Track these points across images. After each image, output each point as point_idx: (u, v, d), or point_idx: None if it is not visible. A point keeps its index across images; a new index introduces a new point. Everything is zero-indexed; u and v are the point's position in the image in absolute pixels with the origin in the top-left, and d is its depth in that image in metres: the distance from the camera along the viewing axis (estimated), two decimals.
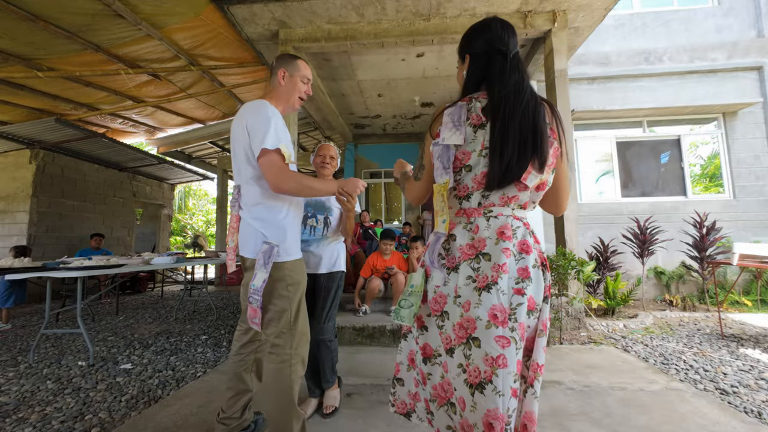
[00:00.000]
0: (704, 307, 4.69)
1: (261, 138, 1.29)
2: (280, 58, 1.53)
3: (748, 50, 5.42)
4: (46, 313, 2.99)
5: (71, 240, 6.55)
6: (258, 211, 1.39)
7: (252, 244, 1.39)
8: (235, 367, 1.56)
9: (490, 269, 0.88)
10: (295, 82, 1.51)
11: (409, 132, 8.03)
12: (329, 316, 1.87)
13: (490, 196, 0.93)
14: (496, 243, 0.90)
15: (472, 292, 0.89)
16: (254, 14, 3.57)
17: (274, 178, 1.29)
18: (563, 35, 3.72)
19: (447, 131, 0.93)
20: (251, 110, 1.37)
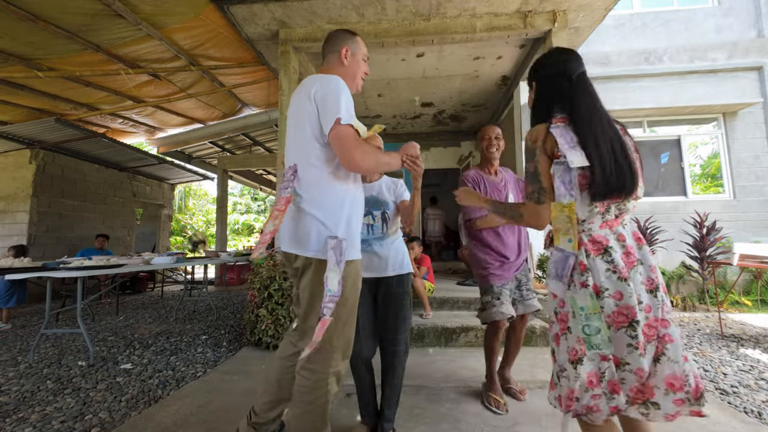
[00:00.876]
0: (704, 307, 4.69)
1: (335, 110, 1.15)
2: (338, 35, 1.39)
3: (748, 50, 5.42)
4: (46, 313, 2.99)
5: (71, 240, 6.55)
6: (319, 198, 1.19)
7: (314, 237, 1.16)
8: (280, 373, 1.38)
9: (649, 271, 1.01)
10: (358, 61, 1.39)
11: (409, 132, 8.02)
12: (404, 327, 1.63)
13: (623, 208, 1.06)
14: (639, 248, 1.03)
15: (647, 296, 0.99)
16: (254, 14, 3.57)
17: (349, 152, 1.12)
18: (563, 35, 3.72)
19: (570, 152, 1.00)
20: (320, 81, 1.22)
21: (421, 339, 3.13)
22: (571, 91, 1.09)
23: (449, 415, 1.90)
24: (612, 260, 0.99)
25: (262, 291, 3.10)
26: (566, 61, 1.12)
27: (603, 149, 1.00)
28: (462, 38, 3.83)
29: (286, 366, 1.38)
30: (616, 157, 1.01)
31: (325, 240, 1.15)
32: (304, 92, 1.24)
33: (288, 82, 3.87)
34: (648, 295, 0.99)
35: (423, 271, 3.72)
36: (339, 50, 1.36)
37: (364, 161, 1.14)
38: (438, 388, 2.23)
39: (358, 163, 1.14)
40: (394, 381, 1.64)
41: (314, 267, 1.18)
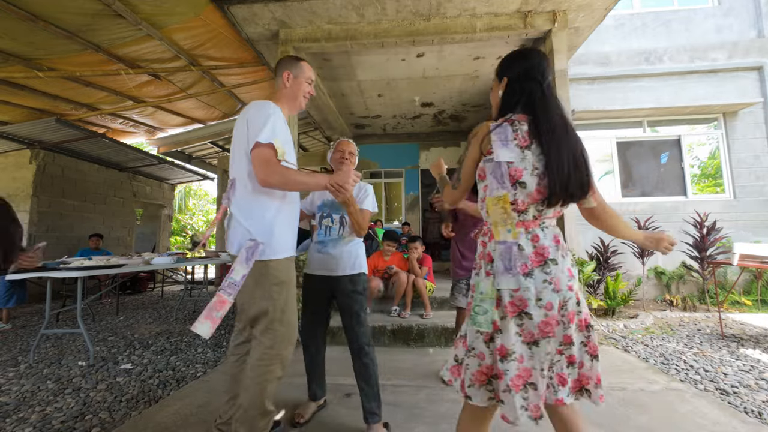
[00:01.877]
0: (704, 308, 4.69)
1: (256, 132, 1.32)
2: (284, 61, 1.58)
3: (748, 50, 5.42)
4: (46, 313, 2.99)
5: (71, 240, 6.55)
6: (246, 208, 1.39)
7: (237, 241, 1.38)
8: (232, 369, 1.54)
9: (560, 273, 1.03)
10: (299, 83, 1.56)
11: (409, 132, 8.03)
12: (360, 321, 1.77)
13: (545, 210, 1.07)
14: (556, 250, 1.06)
15: (551, 294, 1.02)
16: (254, 14, 3.57)
17: (260, 171, 1.30)
18: (563, 35, 3.72)
19: (499, 149, 1.06)
20: (254, 106, 1.42)
21: (422, 339, 3.13)
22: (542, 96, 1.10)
23: (449, 415, 1.90)
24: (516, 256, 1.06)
25: None
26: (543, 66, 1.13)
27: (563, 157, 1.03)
28: (462, 38, 3.83)
29: (233, 360, 1.55)
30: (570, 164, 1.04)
31: (246, 241, 1.35)
32: (243, 115, 1.43)
33: None
34: (553, 293, 1.02)
35: (424, 271, 3.72)
36: (282, 74, 1.54)
37: (270, 177, 1.30)
38: (438, 388, 2.23)
39: (266, 179, 1.31)
40: (366, 375, 1.74)
41: None
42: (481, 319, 1.05)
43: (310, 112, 6.29)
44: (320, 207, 1.86)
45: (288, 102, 1.55)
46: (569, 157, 1.04)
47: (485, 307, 1.06)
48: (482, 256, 1.13)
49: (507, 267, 1.04)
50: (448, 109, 6.56)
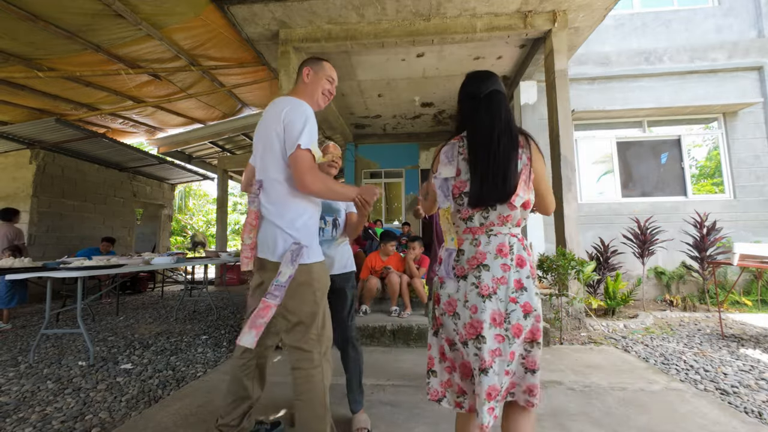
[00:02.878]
0: (704, 308, 4.68)
1: (297, 134, 1.27)
2: (305, 61, 1.55)
3: (748, 50, 5.42)
4: (46, 313, 2.99)
5: (71, 240, 6.55)
6: (285, 211, 1.34)
7: (280, 245, 1.31)
8: (236, 372, 1.51)
9: (490, 280, 1.07)
10: (319, 79, 1.51)
11: (409, 132, 8.03)
12: (350, 317, 1.86)
13: (489, 217, 1.12)
14: (495, 258, 1.09)
15: (476, 298, 1.07)
16: (254, 14, 3.57)
17: (303, 176, 1.26)
18: (563, 35, 3.72)
19: (442, 166, 1.17)
20: (290, 104, 1.35)
21: (422, 339, 3.13)
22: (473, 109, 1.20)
23: (449, 415, 1.90)
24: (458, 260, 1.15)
25: None
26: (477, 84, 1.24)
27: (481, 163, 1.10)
28: (462, 38, 3.83)
29: (239, 365, 1.51)
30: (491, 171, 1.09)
31: (290, 246, 1.31)
32: (275, 112, 1.35)
33: (288, 82, 3.87)
34: (478, 297, 1.07)
35: (422, 272, 3.72)
36: (302, 71, 1.51)
37: (313, 185, 1.28)
38: None
39: (309, 186, 1.28)
40: (354, 367, 1.82)
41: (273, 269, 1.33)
42: (429, 316, 1.20)
43: None
44: None
45: (306, 98, 1.47)
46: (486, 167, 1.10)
47: (431, 306, 1.21)
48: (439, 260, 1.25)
49: (447, 271, 1.15)
50: (448, 109, 6.56)
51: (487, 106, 1.18)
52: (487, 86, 1.21)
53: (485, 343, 1.04)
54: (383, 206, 8.58)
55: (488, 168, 1.09)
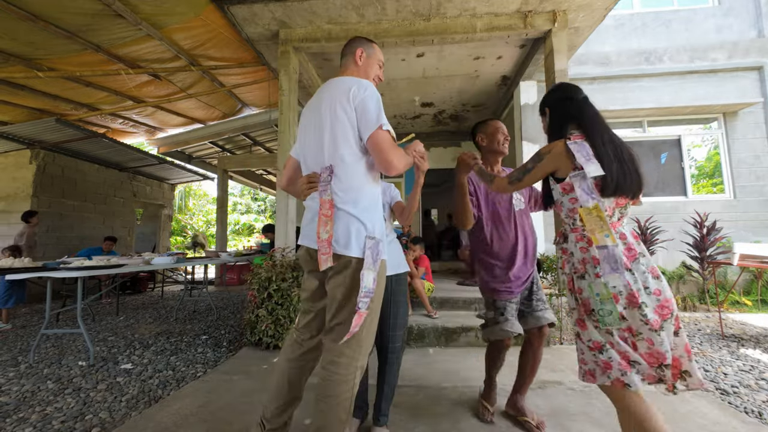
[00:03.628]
0: (705, 308, 4.68)
1: (376, 116, 1.22)
2: (354, 41, 1.46)
3: (749, 50, 5.42)
4: (46, 313, 2.99)
5: (71, 240, 6.55)
6: (360, 198, 1.24)
7: (354, 237, 1.20)
8: (292, 375, 1.37)
9: (650, 263, 1.19)
10: (372, 63, 1.45)
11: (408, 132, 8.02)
12: (400, 324, 1.68)
13: (625, 212, 1.26)
14: (638, 244, 1.21)
15: (653, 281, 1.16)
16: (254, 14, 3.57)
17: (388, 156, 1.20)
18: (563, 35, 3.72)
19: (587, 165, 1.19)
20: (357, 84, 1.27)
21: (421, 339, 3.13)
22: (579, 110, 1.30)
23: (449, 415, 1.90)
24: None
25: (261, 291, 3.10)
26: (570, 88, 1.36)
27: (613, 159, 1.20)
28: (462, 38, 3.83)
29: (296, 367, 1.38)
30: (625, 165, 1.20)
31: (364, 240, 1.21)
32: (341, 93, 1.26)
33: (288, 82, 3.86)
34: (654, 280, 1.16)
35: (421, 272, 3.73)
36: (354, 51, 1.42)
37: (400, 163, 1.23)
38: (438, 388, 2.23)
39: (395, 165, 1.22)
40: (390, 377, 1.68)
41: (353, 266, 1.21)
42: (609, 320, 1.16)
43: None
44: None
45: None
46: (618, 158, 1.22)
47: (608, 308, 1.16)
48: (585, 261, 1.24)
49: (613, 268, 1.16)
50: (448, 109, 6.56)
51: (591, 105, 1.30)
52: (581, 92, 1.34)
53: (673, 316, 1.15)
54: None
55: (624, 161, 1.20)
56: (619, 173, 1.18)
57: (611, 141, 1.22)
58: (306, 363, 1.39)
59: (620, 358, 1.16)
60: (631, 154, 1.24)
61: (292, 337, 1.42)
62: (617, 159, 1.19)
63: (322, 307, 1.35)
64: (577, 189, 1.22)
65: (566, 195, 1.28)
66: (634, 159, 1.23)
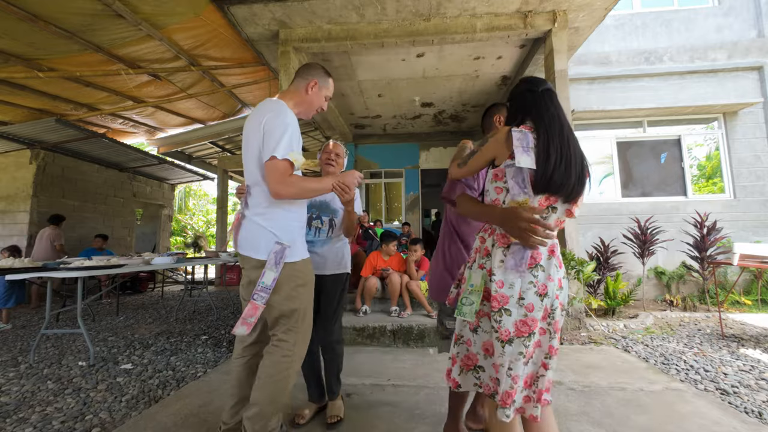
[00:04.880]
0: (705, 308, 4.68)
1: (274, 144, 1.29)
2: (313, 68, 1.53)
3: (749, 50, 5.42)
4: (46, 314, 2.99)
5: (71, 240, 6.54)
6: (270, 212, 1.38)
7: (263, 244, 1.36)
8: (239, 371, 1.51)
9: (545, 279, 1.10)
10: (320, 97, 1.53)
11: (409, 132, 8.02)
12: (335, 318, 1.85)
13: (548, 218, 1.14)
14: (548, 258, 1.12)
15: (534, 297, 1.08)
16: (254, 14, 3.58)
17: (274, 185, 1.30)
18: (563, 35, 3.72)
19: (521, 155, 1.08)
20: (270, 110, 1.36)
21: (422, 339, 3.13)
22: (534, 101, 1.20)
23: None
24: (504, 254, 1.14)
25: None
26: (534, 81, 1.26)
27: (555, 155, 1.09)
28: (462, 38, 3.83)
29: (240, 364, 1.51)
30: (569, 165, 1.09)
31: (273, 245, 1.35)
32: (258, 118, 1.37)
33: (288, 83, 3.86)
34: (535, 296, 1.08)
35: (420, 274, 3.73)
36: (308, 81, 1.49)
37: (286, 192, 1.31)
38: (438, 388, 2.23)
39: (280, 193, 1.31)
40: (333, 365, 1.86)
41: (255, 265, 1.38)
42: (466, 310, 1.14)
43: None
44: (309, 208, 1.84)
45: (301, 108, 1.50)
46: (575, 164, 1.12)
47: (472, 299, 1.15)
48: (478, 250, 1.21)
49: (516, 264, 1.10)
50: (448, 109, 6.56)
51: (550, 99, 1.20)
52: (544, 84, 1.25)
53: (532, 339, 1.09)
54: (383, 206, 8.58)
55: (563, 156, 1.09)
56: (555, 170, 1.07)
57: (560, 136, 1.12)
58: (249, 358, 1.51)
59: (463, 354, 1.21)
60: (582, 157, 1.15)
61: (237, 340, 1.55)
62: (561, 156, 1.09)
63: None
64: (509, 180, 1.12)
65: (493, 183, 1.18)
66: (582, 163, 1.14)
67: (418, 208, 8.23)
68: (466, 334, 1.21)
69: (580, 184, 1.12)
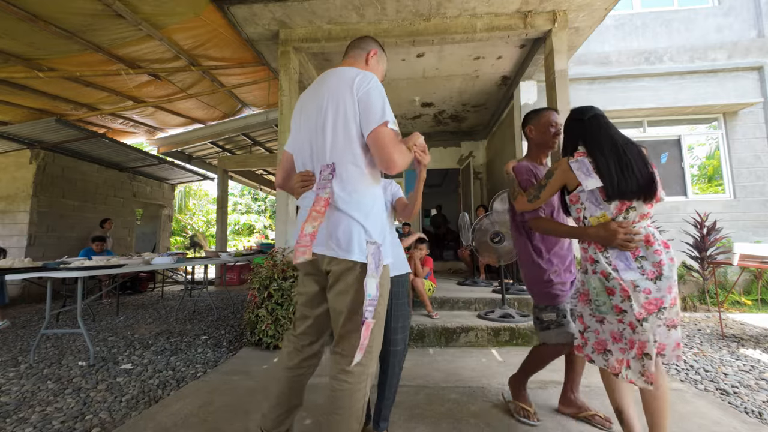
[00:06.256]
0: (705, 308, 4.68)
1: (381, 111, 1.15)
2: (367, 39, 1.42)
3: (749, 50, 5.42)
4: (46, 313, 2.99)
5: (71, 240, 6.55)
6: (362, 200, 1.16)
7: (356, 241, 1.13)
8: (293, 382, 1.32)
9: (651, 265, 1.32)
10: (380, 67, 1.44)
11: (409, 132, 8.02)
12: (402, 327, 1.62)
13: (629, 216, 1.35)
14: (646, 248, 1.34)
15: (647, 282, 1.31)
16: (254, 14, 3.58)
17: (392, 153, 1.12)
18: (563, 35, 3.72)
19: (585, 180, 1.37)
20: (360, 75, 1.19)
21: (421, 339, 3.13)
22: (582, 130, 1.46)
23: (449, 415, 1.90)
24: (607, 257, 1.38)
25: (261, 291, 3.10)
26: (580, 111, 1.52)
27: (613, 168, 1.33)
28: (462, 38, 3.83)
29: (296, 375, 1.33)
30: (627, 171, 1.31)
31: (366, 244, 1.14)
32: (344, 83, 1.18)
33: (288, 83, 3.87)
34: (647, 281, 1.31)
35: (425, 272, 3.74)
36: (368, 51, 1.38)
37: (402, 161, 1.15)
38: (438, 388, 2.23)
39: (398, 163, 1.13)
40: (392, 381, 1.63)
41: (356, 271, 1.15)
42: (604, 309, 1.37)
43: None
44: None
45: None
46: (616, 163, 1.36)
47: (602, 300, 1.37)
48: (586, 260, 1.46)
49: (627, 265, 1.34)
50: (449, 109, 6.56)
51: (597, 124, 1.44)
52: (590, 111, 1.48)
53: (664, 313, 1.31)
54: None
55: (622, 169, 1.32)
56: (619, 181, 1.30)
57: (613, 152, 1.35)
58: (306, 370, 1.35)
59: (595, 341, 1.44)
60: (638, 157, 1.34)
61: (290, 345, 1.37)
62: (620, 169, 1.31)
63: (320, 313, 1.30)
64: (585, 201, 1.41)
65: (573, 206, 1.48)
66: (639, 162, 1.33)
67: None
68: (593, 325, 1.45)
69: (649, 185, 1.31)
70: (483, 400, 2.07)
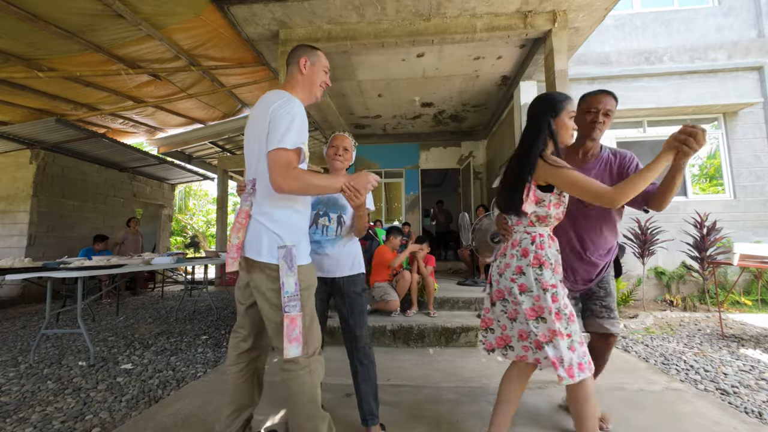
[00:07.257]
0: (705, 308, 4.68)
1: (281, 134, 1.21)
2: (297, 49, 1.45)
3: (749, 50, 5.42)
4: (46, 313, 2.99)
5: (71, 240, 6.55)
6: (274, 211, 1.30)
7: (265, 246, 1.27)
8: (235, 379, 1.43)
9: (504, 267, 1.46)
10: (317, 71, 1.44)
11: (409, 132, 8.03)
12: (361, 322, 1.71)
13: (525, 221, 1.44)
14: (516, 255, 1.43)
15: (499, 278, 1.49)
16: (254, 14, 3.58)
17: (277, 177, 1.20)
18: (563, 35, 3.72)
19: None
20: (277, 101, 1.27)
21: (421, 339, 3.13)
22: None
23: (449, 415, 1.91)
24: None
25: None
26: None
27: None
28: (462, 38, 3.83)
29: (236, 371, 1.45)
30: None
31: (276, 248, 1.26)
32: (265, 107, 1.29)
33: None
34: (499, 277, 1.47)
35: (429, 270, 3.76)
36: (298, 60, 1.42)
37: (288, 186, 1.21)
38: (438, 388, 2.23)
39: (282, 186, 1.21)
40: (366, 374, 1.69)
41: (267, 271, 1.28)
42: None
43: (310, 113, 6.30)
44: (315, 204, 1.74)
45: (304, 91, 1.42)
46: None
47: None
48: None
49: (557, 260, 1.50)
50: (448, 109, 6.56)
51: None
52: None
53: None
54: (383, 206, 8.58)
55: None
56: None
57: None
58: (244, 366, 1.44)
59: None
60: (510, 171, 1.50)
61: (231, 342, 1.49)
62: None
63: (250, 304, 1.44)
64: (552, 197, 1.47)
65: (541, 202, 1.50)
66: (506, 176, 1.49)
67: (418, 208, 8.23)
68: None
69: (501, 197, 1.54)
70: (483, 400, 2.07)
